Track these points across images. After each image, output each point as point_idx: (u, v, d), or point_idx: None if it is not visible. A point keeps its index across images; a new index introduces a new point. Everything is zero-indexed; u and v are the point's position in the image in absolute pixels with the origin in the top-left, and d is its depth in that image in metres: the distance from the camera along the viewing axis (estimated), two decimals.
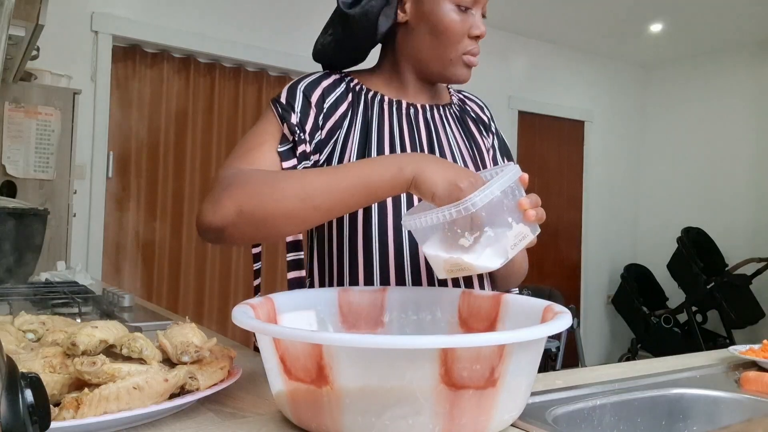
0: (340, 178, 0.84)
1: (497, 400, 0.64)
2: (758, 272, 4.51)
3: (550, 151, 5.12)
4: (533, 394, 0.85)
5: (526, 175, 0.82)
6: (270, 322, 0.80)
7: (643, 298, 5.02)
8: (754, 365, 1.12)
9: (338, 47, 1.10)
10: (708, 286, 4.52)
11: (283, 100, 1.01)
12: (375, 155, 1.01)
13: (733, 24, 4.50)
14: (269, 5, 3.72)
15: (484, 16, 1.04)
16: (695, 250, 4.68)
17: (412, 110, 1.08)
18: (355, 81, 1.09)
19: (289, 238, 1.05)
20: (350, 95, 1.06)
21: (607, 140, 5.42)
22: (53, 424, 0.58)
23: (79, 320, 1.18)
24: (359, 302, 0.92)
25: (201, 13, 3.49)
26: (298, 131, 0.98)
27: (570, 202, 5.23)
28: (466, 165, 1.09)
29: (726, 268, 4.60)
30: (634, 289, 5.00)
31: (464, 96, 1.21)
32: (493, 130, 1.20)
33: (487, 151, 1.17)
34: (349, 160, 1.00)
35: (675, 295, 4.90)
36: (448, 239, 0.79)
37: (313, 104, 1.01)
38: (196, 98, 3.57)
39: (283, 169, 0.95)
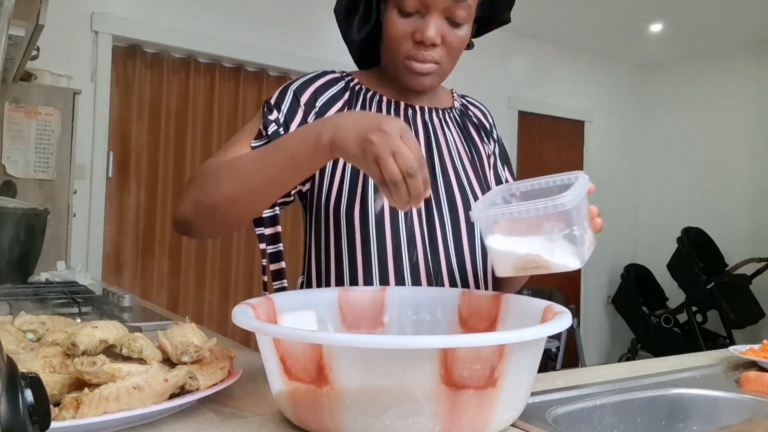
0: (267, 155, 0.83)
1: (497, 400, 0.64)
2: (758, 272, 4.51)
3: (550, 151, 5.12)
4: (533, 394, 0.85)
5: (593, 186, 0.84)
6: (270, 322, 0.80)
7: (643, 298, 5.02)
8: (754, 365, 1.12)
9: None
10: (708, 286, 4.52)
11: (272, 101, 1.01)
12: None
13: (732, 24, 4.50)
14: (269, 5, 3.71)
15: (455, 22, 0.97)
16: (695, 250, 4.68)
17: (410, 111, 1.08)
18: (356, 81, 1.08)
19: (268, 231, 1.04)
20: (347, 94, 1.06)
21: (607, 140, 5.42)
22: (53, 424, 0.58)
23: (79, 320, 1.18)
24: (359, 302, 0.92)
25: (201, 13, 3.49)
26: (276, 127, 0.98)
27: None
28: (465, 170, 1.08)
29: (726, 268, 4.60)
30: (634, 289, 5.00)
31: (467, 101, 1.20)
32: (495, 137, 1.19)
33: (488, 158, 1.16)
34: (345, 162, 1.00)
35: (675, 295, 4.90)
36: (519, 235, 0.79)
37: (302, 103, 1.01)
38: (196, 98, 3.57)
39: None
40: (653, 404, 0.96)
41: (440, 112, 1.11)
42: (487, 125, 1.18)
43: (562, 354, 3.82)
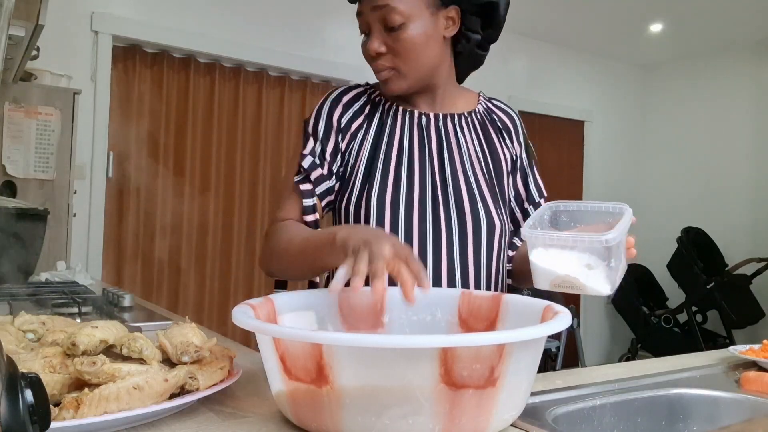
0: (309, 242, 0.96)
1: (497, 400, 0.64)
2: (758, 272, 4.50)
3: (550, 151, 5.11)
4: (533, 394, 0.85)
5: (634, 219, 0.92)
6: (270, 322, 0.80)
7: (643, 298, 5.01)
8: (754, 365, 1.12)
9: None
10: (708, 286, 4.52)
11: (310, 126, 1.11)
12: (382, 162, 1.07)
13: (733, 24, 4.50)
14: (269, 5, 3.71)
15: (391, 27, 1.01)
16: (695, 250, 4.67)
17: (423, 119, 1.12)
18: (377, 93, 1.15)
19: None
20: (368, 107, 1.13)
21: (607, 140, 5.42)
22: (53, 424, 0.58)
23: (79, 320, 1.18)
24: (359, 302, 0.92)
25: (201, 13, 3.49)
26: (312, 159, 1.08)
27: None
28: (476, 175, 1.11)
29: (726, 268, 4.60)
30: (634, 289, 4.99)
31: (494, 104, 1.22)
32: (521, 141, 1.20)
33: (511, 161, 1.17)
34: (357, 168, 1.09)
35: (675, 295, 4.90)
36: (563, 258, 0.89)
37: (334, 123, 1.10)
38: (196, 98, 3.57)
39: (304, 205, 1.08)
40: (653, 404, 0.96)
41: (456, 117, 1.14)
42: (512, 129, 1.19)
43: (562, 354, 3.82)
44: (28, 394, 0.38)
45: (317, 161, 1.08)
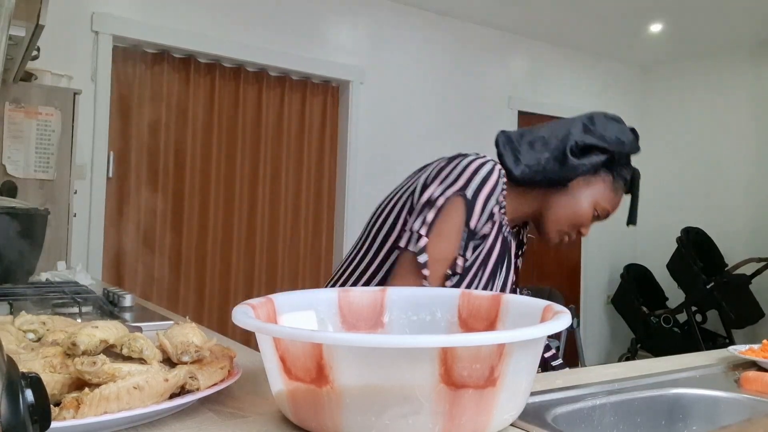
0: None
1: (497, 400, 0.64)
2: (758, 272, 4.50)
3: None
4: (533, 394, 0.85)
5: None
6: (270, 322, 0.80)
7: (643, 298, 5.01)
8: (753, 365, 1.12)
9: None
10: (708, 286, 4.51)
11: (472, 223, 1.15)
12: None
13: (733, 24, 4.50)
14: (269, 5, 3.71)
15: (599, 217, 1.30)
16: (695, 250, 4.67)
17: (518, 237, 1.35)
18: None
19: None
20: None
21: None
22: (53, 424, 0.58)
23: (79, 320, 1.18)
24: (359, 302, 0.92)
25: (201, 13, 3.49)
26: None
27: None
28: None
29: (726, 268, 4.60)
30: (634, 289, 4.99)
31: None
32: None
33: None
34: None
35: (675, 295, 4.90)
36: None
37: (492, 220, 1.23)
38: (196, 98, 3.57)
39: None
40: (653, 404, 0.96)
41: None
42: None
43: (562, 354, 3.81)
44: (29, 394, 0.38)
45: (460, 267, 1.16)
